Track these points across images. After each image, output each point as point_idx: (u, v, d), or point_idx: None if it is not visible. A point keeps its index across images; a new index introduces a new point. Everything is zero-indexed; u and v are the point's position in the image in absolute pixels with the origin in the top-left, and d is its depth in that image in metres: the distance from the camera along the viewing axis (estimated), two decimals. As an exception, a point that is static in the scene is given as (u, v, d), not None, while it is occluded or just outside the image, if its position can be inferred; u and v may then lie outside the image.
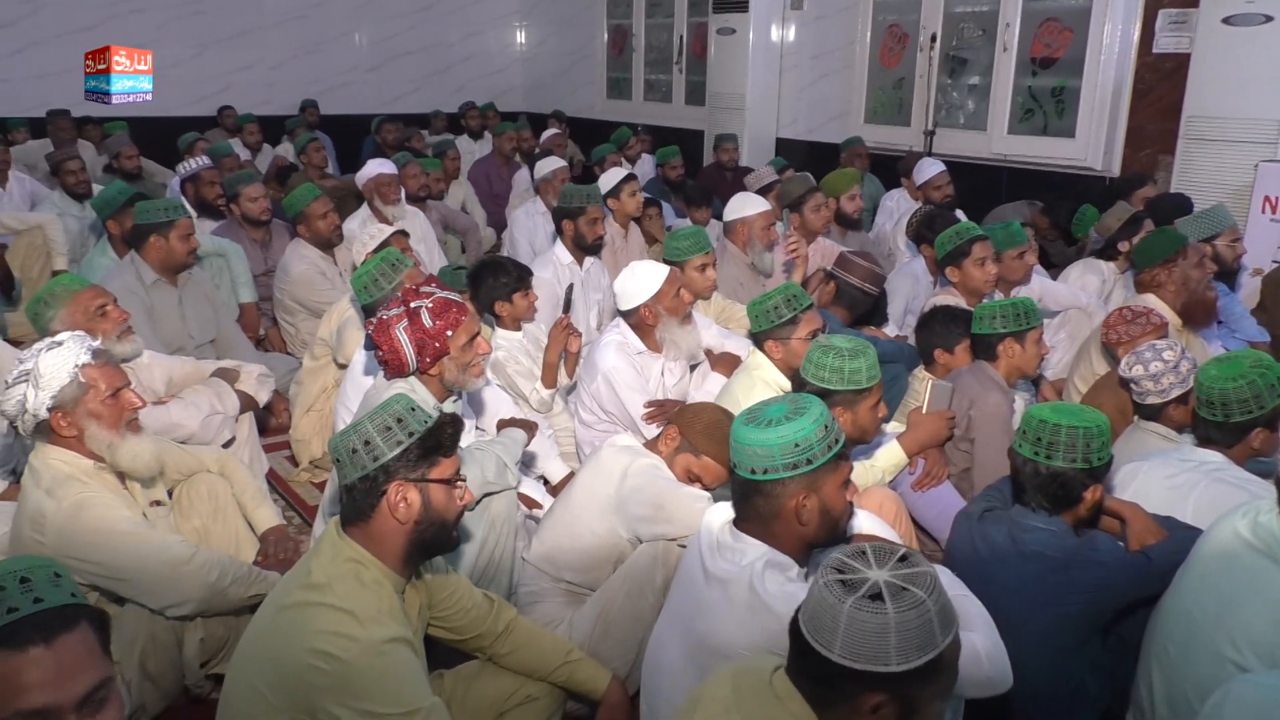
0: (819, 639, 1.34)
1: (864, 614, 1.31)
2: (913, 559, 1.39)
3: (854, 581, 1.34)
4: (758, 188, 5.64)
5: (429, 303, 2.61)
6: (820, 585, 1.36)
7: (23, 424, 2.27)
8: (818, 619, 1.35)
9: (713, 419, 2.59)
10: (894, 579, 1.33)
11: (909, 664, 1.30)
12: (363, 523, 1.84)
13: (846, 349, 2.52)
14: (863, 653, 1.31)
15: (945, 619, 1.35)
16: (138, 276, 3.94)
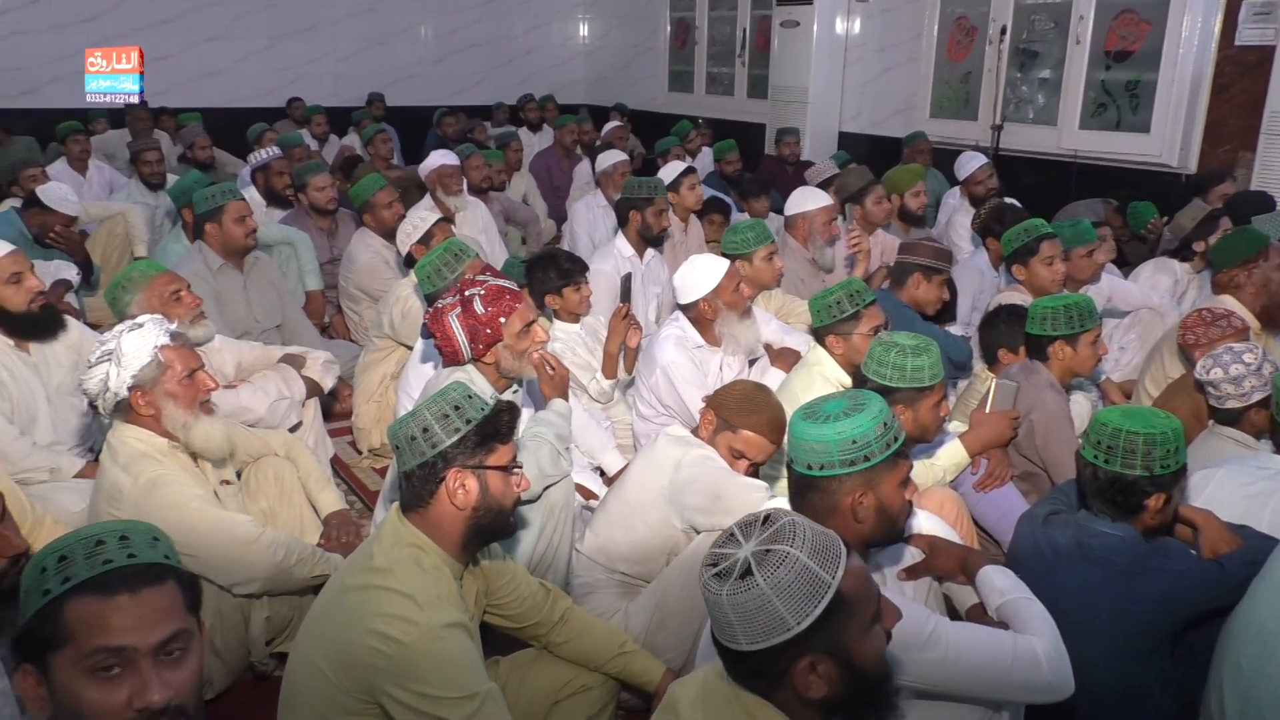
0: (724, 637, 1.34)
1: (740, 595, 1.30)
2: (773, 517, 1.37)
3: (726, 569, 1.33)
4: (818, 181, 5.59)
5: (481, 290, 2.64)
6: (701, 586, 1.36)
7: (104, 402, 2.34)
8: (714, 619, 1.35)
9: (743, 391, 2.58)
10: (759, 547, 1.32)
11: (810, 617, 1.29)
12: (422, 509, 1.86)
13: (909, 346, 2.48)
14: (762, 630, 1.30)
15: (825, 556, 1.32)
16: (205, 262, 4.04)
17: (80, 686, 1.25)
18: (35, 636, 1.26)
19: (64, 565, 1.27)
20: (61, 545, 1.30)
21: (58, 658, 1.25)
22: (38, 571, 1.27)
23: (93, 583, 1.26)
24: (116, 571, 1.28)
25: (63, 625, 1.25)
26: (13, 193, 5.50)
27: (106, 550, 1.29)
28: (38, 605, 1.26)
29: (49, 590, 1.26)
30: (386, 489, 2.79)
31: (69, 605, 1.25)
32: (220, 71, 9.70)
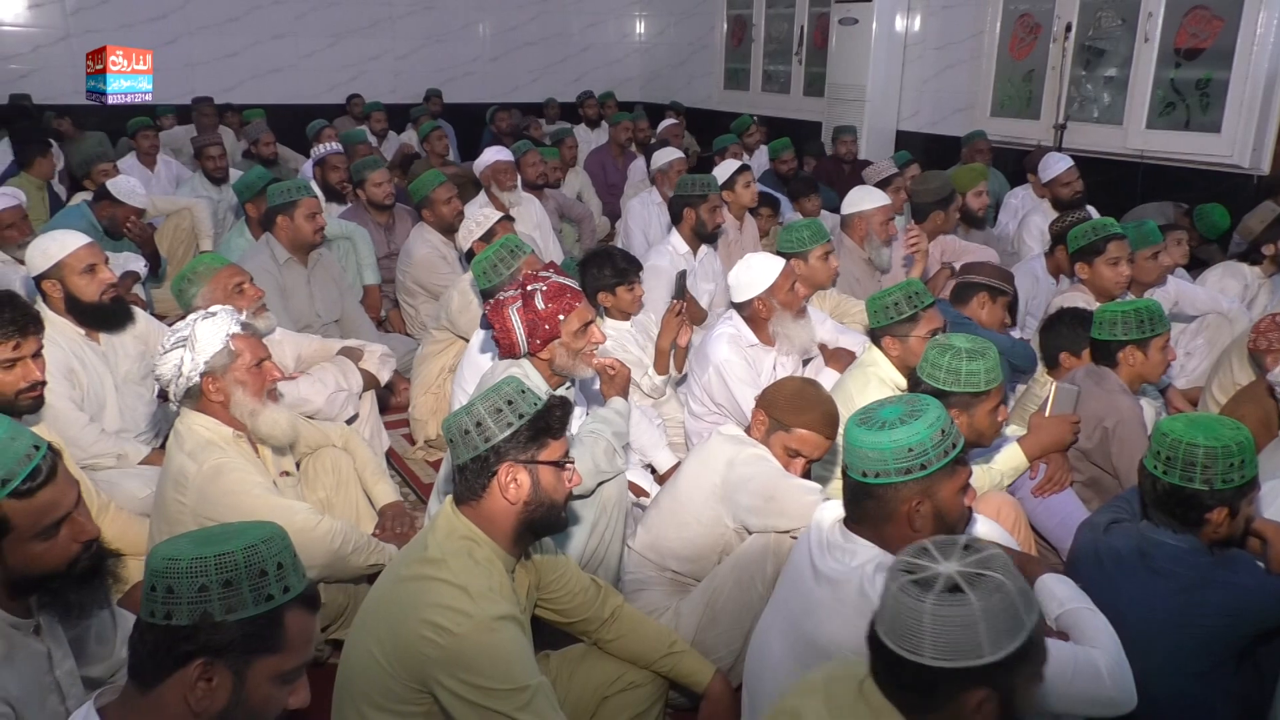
0: (905, 645, 1.30)
1: (948, 609, 1.27)
2: (977, 545, 1.34)
3: (927, 579, 1.29)
4: (876, 181, 5.52)
5: (543, 286, 2.66)
6: (894, 590, 1.32)
7: (176, 387, 2.40)
8: (900, 625, 1.30)
9: (794, 389, 2.55)
10: (966, 568, 1.29)
11: (1003, 651, 1.26)
12: (475, 502, 1.88)
13: (965, 349, 2.43)
14: (955, 649, 1.26)
15: (1027, 598, 1.31)
16: (272, 256, 4.13)
17: (271, 690, 1.31)
18: (251, 638, 1.29)
19: (281, 574, 1.32)
20: (272, 552, 1.32)
21: (263, 662, 1.30)
22: (256, 574, 1.29)
23: (304, 598, 1.34)
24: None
25: (283, 634, 1.31)
26: (85, 186, 5.67)
27: (286, 575, 1.34)
28: (260, 609, 1.29)
29: (271, 596, 1.30)
30: (440, 482, 2.82)
31: (289, 616, 1.32)
32: (284, 68, 9.88)
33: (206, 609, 1.26)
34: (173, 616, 1.26)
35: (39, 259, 3.07)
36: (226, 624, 1.27)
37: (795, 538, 2.31)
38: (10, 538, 1.55)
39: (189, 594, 1.26)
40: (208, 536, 1.34)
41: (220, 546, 1.29)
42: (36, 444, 1.60)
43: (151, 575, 1.29)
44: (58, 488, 1.59)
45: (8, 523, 1.53)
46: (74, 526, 1.63)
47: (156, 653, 1.27)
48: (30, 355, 2.34)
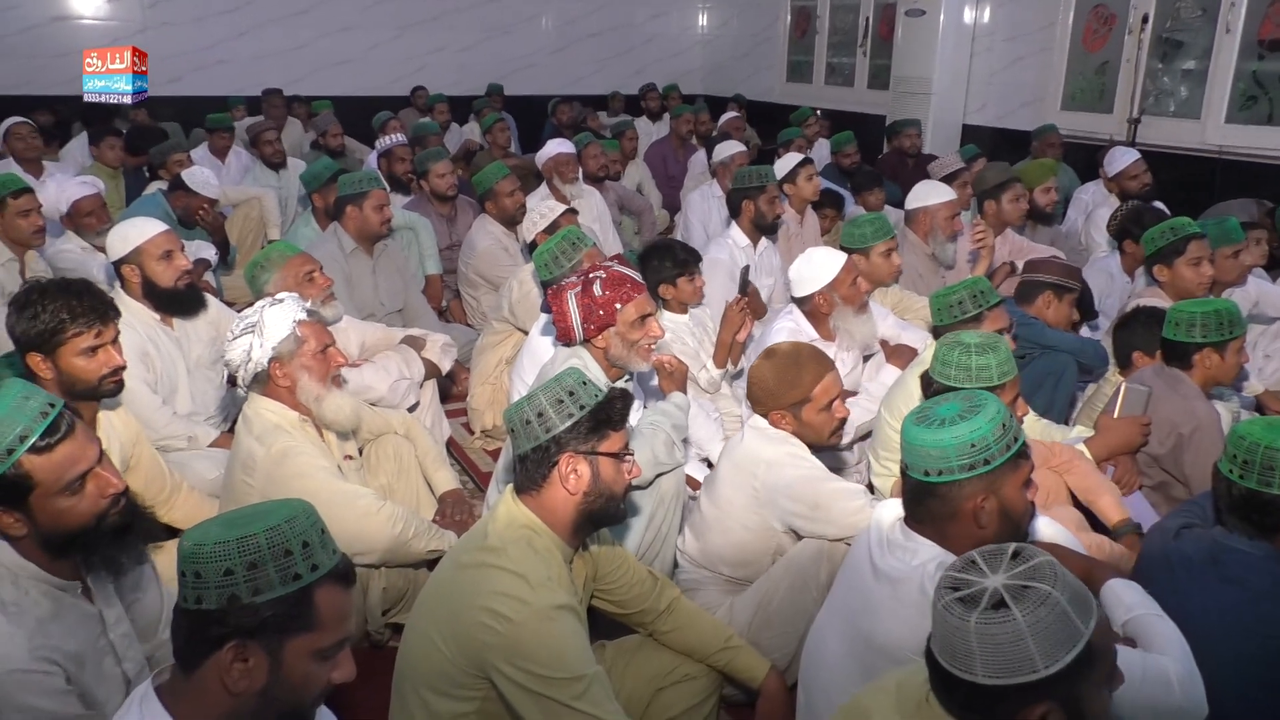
0: (957, 665, 1.27)
1: (993, 627, 1.23)
2: (1026, 553, 1.30)
3: (972, 595, 1.26)
4: (942, 175, 5.43)
5: (603, 274, 2.67)
6: (940, 609, 1.29)
7: (244, 372, 2.46)
8: (950, 644, 1.28)
9: (769, 374, 2.48)
10: (1012, 581, 1.26)
11: (1059, 662, 1.22)
12: (535, 491, 1.89)
13: (974, 344, 2.39)
14: (1006, 666, 1.23)
15: (1081, 604, 1.26)
16: (339, 245, 4.21)
17: (310, 667, 1.32)
18: (281, 618, 1.29)
19: (308, 552, 1.31)
20: (296, 532, 1.32)
21: (297, 641, 1.30)
22: (281, 554, 1.29)
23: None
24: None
25: (314, 612, 1.31)
26: (159, 176, 5.83)
27: (313, 552, 1.33)
28: (288, 589, 1.29)
29: (299, 575, 1.30)
30: (500, 471, 2.85)
31: (319, 593, 1.31)
32: (350, 60, 10.04)
33: (234, 592, 1.27)
34: (202, 601, 1.27)
35: (119, 244, 3.17)
36: (255, 605, 1.27)
37: (848, 544, 2.29)
38: (36, 493, 1.60)
39: (215, 578, 1.27)
40: (235, 519, 1.34)
41: (244, 529, 1.30)
42: (52, 402, 1.65)
43: (181, 561, 1.30)
44: (77, 442, 1.64)
45: (31, 478, 1.59)
46: (99, 480, 1.67)
47: (192, 637, 1.29)
48: (110, 342, 2.41)
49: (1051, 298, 3.52)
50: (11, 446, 1.57)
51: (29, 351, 2.34)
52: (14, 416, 1.58)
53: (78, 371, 2.36)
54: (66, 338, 2.33)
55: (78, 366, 2.35)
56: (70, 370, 2.35)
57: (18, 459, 1.57)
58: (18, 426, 1.58)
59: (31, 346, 2.34)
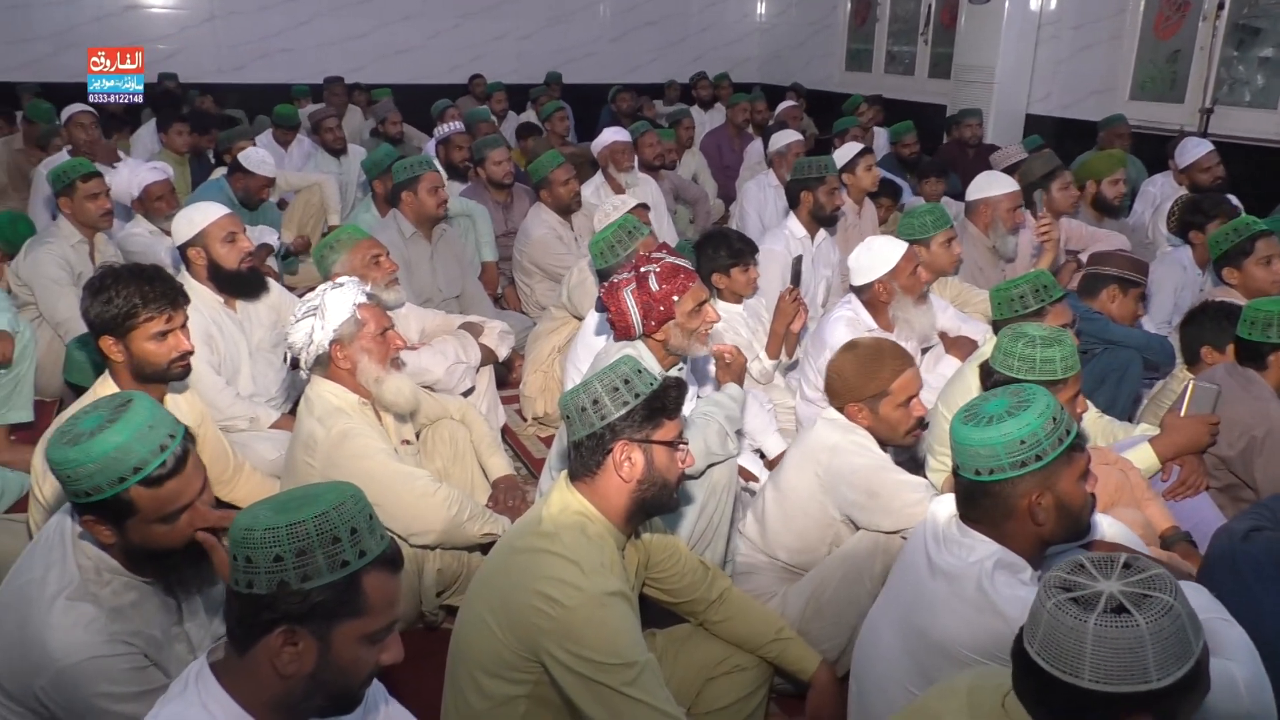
0: (1061, 666, 1.23)
1: (1113, 630, 1.19)
2: (1139, 564, 1.26)
3: (1088, 597, 1.22)
4: (1005, 166, 5.32)
5: (657, 268, 2.67)
6: (1050, 608, 1.25)
7: (306, 355, 2.51)
8: (1056, 644, 1.23)
9: (847, 366, 2.45)
10: (1130, 588, 1.22)
11: (1171, 677, 1.19)
12: (589, 478, 1.90)
13: (1040, 336, 2.34)
14: (1118, 673, 1.19)
15: (1195, 622, 1.23)
16: (399, 231, 4.26)
17: (358, 651, 1.33)
18: (330, 604, 1.29)
19: (356, 538, 1.31)
20: (344, 518, 1.31)
21: (346, 626, 1.30)
22: (329, 541, 1.29)
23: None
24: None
25: (362, 598, 1.30)
26: (224, 161, 5.96)
27: (380, 528, 1.35)
28: (337, 575, 1.29)
29: (347, 562, 1.29)
30: (553, 457, 2.87)
31: (367, 579, 1.31)
32: (410, 49, 10.14)
33: (283, 578, 1.27)
34: (253, 585, 1.28)
35: (185, 227, 3.24)
36: (304, 592, 1.27)
37: (905, 538, 2.27)
38: (134, 519, 1.63)
39: (265, 563, 1.27)
40: (285, 504, 1.33)
41: (293, 515, 1.29)
42: (173, 433, 1.66)
43: (232, 545, 1.30)
44: (184, 478, 1.66)
45: (134, 506, 1.62)
46: (194, 514, 1.69)
47: (243, 620, 1.31)
48: (179, 327, 2.47)
49: (1116, 291, 3.44)
50: (124, 475, 1.59)
51: (102, 335, 2.40)
52: (134, 445, 1.60)
53: (148, 355, 2.41)
54: (138, 322, 2.38)
55: (148, 351, 2.41)
56: (140, 354, 2.41)
57: (128, 488, 1.60)
58: (134, 457, 1.59)
59: (105, 330, 2.40)
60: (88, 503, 1.62)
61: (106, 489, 1.59)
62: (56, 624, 1.63)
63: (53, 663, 1.60)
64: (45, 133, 6.33)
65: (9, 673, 1.67)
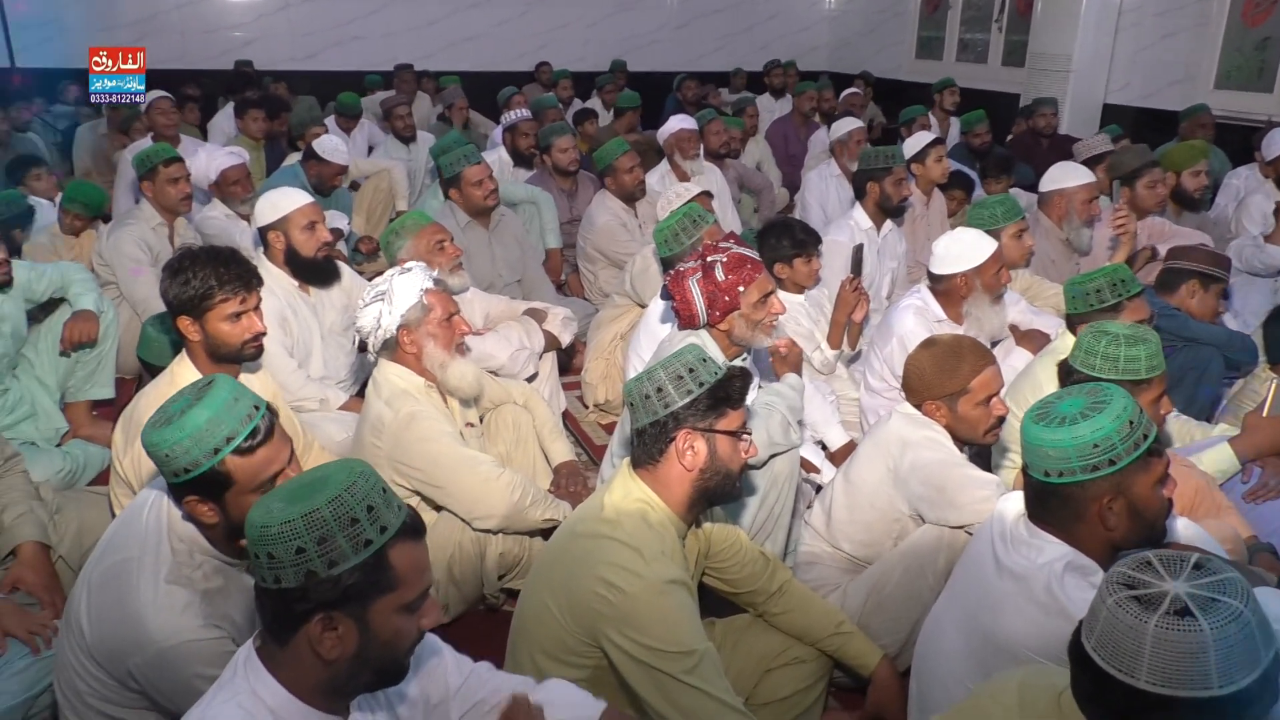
0: (1118, 665, 1.20)
1: (1174, 633, 1.16)
2: (1211, 565, 1.21)
3: (1151, 597, 1.19)
4: (1087, 157, 5.17)
5: (723, 258, 2.65)
6: (1111, 605, 1.21)
7: (374, 339, 2.56)
8: (1114, 642, 1.20)
9: (927, 363, 2.40)
10: (1198, 590, 1.18)
11: (1234, 685, 1.15)
12: (652, 466, 1.91)
13: (1125, 334, 2.27)
14: (1177, 678, 1.16)
15: (1267, 630, 1.18)
16: (455, 219, 4.32)
17: (397, 623, 1.33)
18: (361, 584, 1.28)
19: (374, 515, 1.29)
20: (359, 498, 1.30)
21: (381, 602, 1.30)
22: (348, 523, 1.27)
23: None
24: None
25: (391, 571, 1.30)
26: (297, 147, 6.09)
27: (395, 499, 1.35)
28: (362, 556, 1.27)
29: (370, 541, 1.28)
30: (615, 445, 2.88)
31: (392, 553, 1.30)
32: (478, 36, 10.23)
33: (310, 568, 1.26)
34: (281, 580, 1.27)
35: (268, 211, 3.32)
36: (333, 578, 1.26)
37: (970, 533, 2.23)
38: (232, 490, 1.68)
39: (288, 557, 1.26)
40: (295, 492, 1.32)
41: (307, 504, 1.28)
42: (256, 404, 1.73)
43: (251, 544, 1.30)
44: (274, 446, 1.72)
45: (230, 477, 1.67)
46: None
47: (278, 616, 1.31)
48: (252, 309, 2.52)
49: (1196, 287, 3.33)
50: (218, 446, 1.65)
51: (179, 315, 2.47)
52: (223, 418, 1.66)
53: (222, 336, 2.47)
54: (214, 303, 2.44)
55: (223, 331, 2.47)
56: (216, 334, 2.47)
57: (222, 458, 1.66)
58: (225, 428, 1.66)
59: (182, 310, 2.46)
60: (187, 480, 1.67)
61: (204, 461, 1.65)
62: (157, 606, 1.69)
63: (152, 644, 1.67)
64: (126, 118, 6.53)
65: (104, 648, 1.74)
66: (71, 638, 1.81)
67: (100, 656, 1.75)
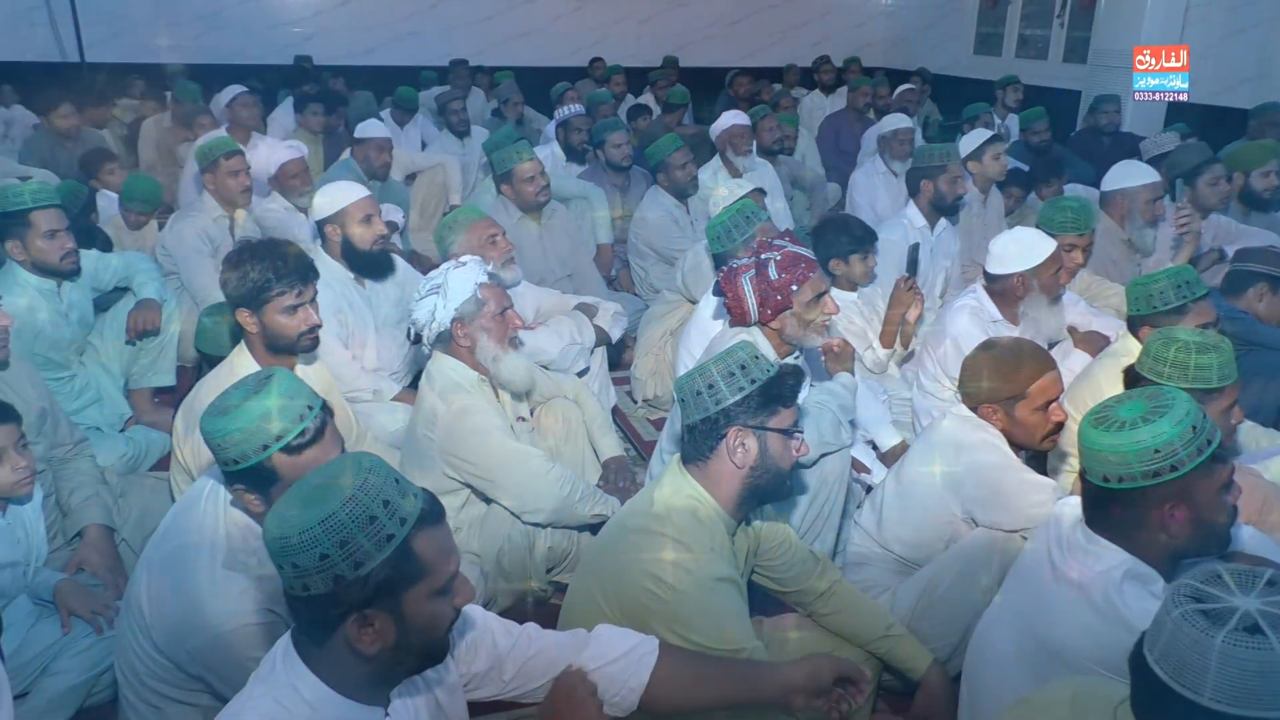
0: (1182, 681, 1.15)
1: (1242, 650, 1.11)
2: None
3: (1219, 612, 1.15)
4: (1153, 155, 5.04)
5: (777, 255, 2.63)
6: (1176, 618, 1.17)
7: (429, 331, 2.59)
8: (1179, 657, 1.16)
9: (985, 365, 2.35)
10: (1269, 607, 1.13)
11: None
12: (702, 462, 1.91)
13: (1195, 341, 2.20)
14: (1245, 698, 1.11)
15: None
16: (506, 214, 4.35)
17: (432, 608, 1.33)
18: (390, 579, 1.28)
19: (391, 510, 1.28)
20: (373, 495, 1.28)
21: (412, 591, 1.30)
22: (366, 522, 1.26)
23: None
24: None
25: (418, 561, 1.29)
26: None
27: (408, 487, 1.34)
28: (386, 551, 1.27)
29: (392, 535, 1.27)
30: (664, 440, 2.88)
31: (416, 543, 1.29)
32: (532, 32, 10.28)
33: (336, 573, 1.25)
34: (309, 587, 1.26)
35: (326, 204, 3.37)
36: (361, 578, 1.25)
37: (1025, 538, 2.19)
38: (277, 487, 1.70)
39: (313, 565, 1.25)
40: (308, 497, 1.29)
41: (322, 508, 1.26)
42: (311, 404, 1.75)
43: (273, 556, 1.29)
44: (323, 447, 1.74)
45: (277, 473, 1.70)
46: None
47: (312, 621, 1.32)
48: (308, 301, 2.57)
49: (1265, 290, 3.24)
50: (267, 443, 1.69)
51: (238, 307, 2.52)
52: (277, 415, 1.69)
53: (279, 328, 2.52)
54: (271, 296, 2.48)
55: (279, 323, 2.51)
56: (273, 326, 2.52)
57: (270, 455, 1.69)
58: (276, 426, 1.69)
59: (241, 302, 2.51)
60: (236, 470, 1.71)
61: (252, 455, 1.68)
62: (214, 591, 1.73)
63: (209, 627, 1.71)
64: (190, 112, 6.68)
65: (163, 630, 1.78)
66: (132, 619, 1.86)
67: (158, 638, 1.80)
